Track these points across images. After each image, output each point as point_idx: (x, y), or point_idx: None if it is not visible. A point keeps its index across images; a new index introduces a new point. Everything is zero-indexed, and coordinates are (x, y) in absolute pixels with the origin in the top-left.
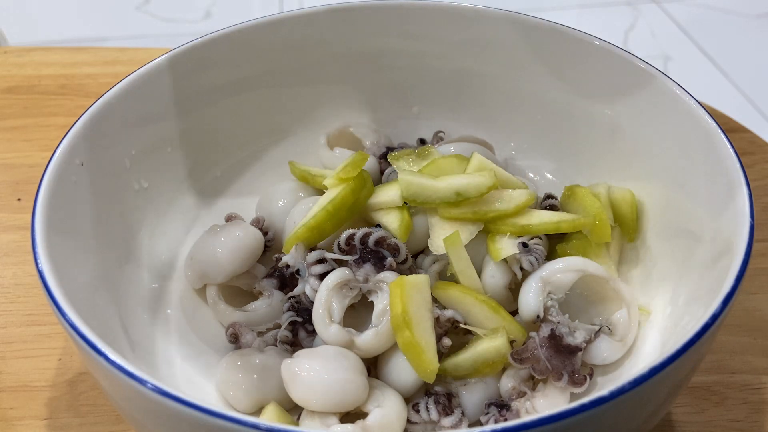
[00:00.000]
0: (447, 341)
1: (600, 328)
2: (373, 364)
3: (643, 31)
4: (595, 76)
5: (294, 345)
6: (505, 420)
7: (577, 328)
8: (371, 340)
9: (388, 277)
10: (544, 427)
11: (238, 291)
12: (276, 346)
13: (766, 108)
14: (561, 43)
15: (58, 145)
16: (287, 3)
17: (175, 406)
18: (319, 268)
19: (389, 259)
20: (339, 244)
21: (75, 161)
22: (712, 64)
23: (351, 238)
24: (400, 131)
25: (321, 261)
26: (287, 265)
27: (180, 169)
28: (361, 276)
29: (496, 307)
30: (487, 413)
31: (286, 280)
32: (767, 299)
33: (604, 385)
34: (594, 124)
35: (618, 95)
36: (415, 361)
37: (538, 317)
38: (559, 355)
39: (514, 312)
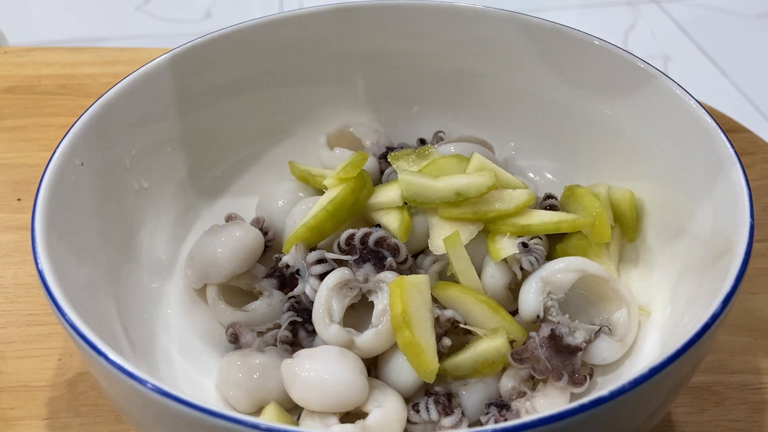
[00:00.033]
0: (447, 341)
1: (600, 328)
2: (373, 364)
3: (643, 31)
4: (595, 76)
5: (294, 345)
6: (505, 420)
7: (577, 328)
8: (371, 340)
9: (388, 277)
10: (544, 427)
11: (238, 291)
12: (276, 346)
13: (766, 108)
14: (561, 43)
15: (58, 145)
16: (287, 3)
17: (175, 406)
18: (319, 268)
19: (389, 259)
20: (339, 244)
21: (75, 161)
22: (712, 64)
23: (351, 238)
24: (400, 131)
25: (321, 261)
26: (287, 265)
27: (180, 169)
28: (361, 276)
29: (496, 307)
30: (487, 413)
31: (286, 280)
32: (767, 299)
33: (604, 385)
34: (594, 124)
35: (618, 95)
36: (415, 361)
37: (538, 317)
38: (559, 355)
39: (514, 312)
